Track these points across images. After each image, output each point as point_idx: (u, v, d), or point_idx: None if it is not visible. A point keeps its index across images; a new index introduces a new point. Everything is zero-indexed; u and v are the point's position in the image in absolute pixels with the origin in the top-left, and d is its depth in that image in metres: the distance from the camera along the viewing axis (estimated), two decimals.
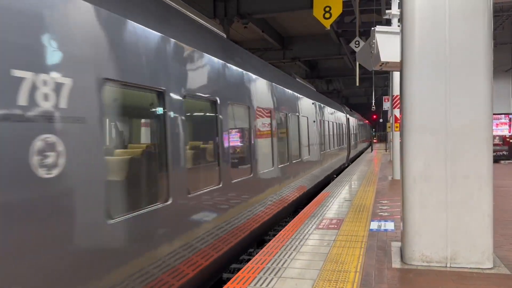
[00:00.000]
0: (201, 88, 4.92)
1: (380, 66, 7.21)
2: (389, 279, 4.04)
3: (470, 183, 4.23)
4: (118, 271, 3.26)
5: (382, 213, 7.21)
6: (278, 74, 9.37)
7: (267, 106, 7.67)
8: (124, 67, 3.43)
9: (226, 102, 5.60)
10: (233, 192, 5.74)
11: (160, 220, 3.89)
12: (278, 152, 8.24)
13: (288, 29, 21.01)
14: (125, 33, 3.49)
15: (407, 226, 4.44)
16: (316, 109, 13.12)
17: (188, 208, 4.44)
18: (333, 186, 11.07)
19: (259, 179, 6.96)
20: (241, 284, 3.98)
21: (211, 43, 5.55)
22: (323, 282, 3.97)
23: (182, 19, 4.92)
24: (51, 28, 2.70)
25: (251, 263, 4.60)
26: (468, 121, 4.22)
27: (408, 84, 4.40)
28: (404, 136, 4.46)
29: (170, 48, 4.22)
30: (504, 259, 4.52)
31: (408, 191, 4.43)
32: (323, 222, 6.61)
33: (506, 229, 5.85)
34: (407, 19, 4.38)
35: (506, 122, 17.68)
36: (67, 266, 2.75)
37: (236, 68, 6.16)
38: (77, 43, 2.92)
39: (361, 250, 4.99)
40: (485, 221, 4.22)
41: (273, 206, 7.80)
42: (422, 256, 4.37)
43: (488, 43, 4.18)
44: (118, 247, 3.28)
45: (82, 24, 2.99)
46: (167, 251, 3.97)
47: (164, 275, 3.92)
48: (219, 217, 5.21)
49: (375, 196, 9.23)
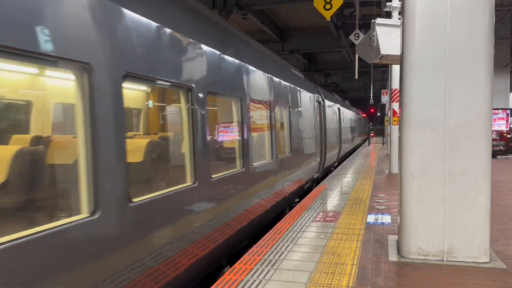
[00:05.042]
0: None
1: (380, 59, 7.18)
2: (385, 272, 4.05)
3: (468, 178, 4.24)
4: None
5: (379, 207, 7.23)
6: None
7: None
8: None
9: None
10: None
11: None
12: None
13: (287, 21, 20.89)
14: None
15: (405, 220, 4.45)
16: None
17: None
18: (330, 179, 11.09)
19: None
20: (238, 275, 3.98)
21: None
22: (320, 274, 3.98)
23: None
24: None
25: (248, 254, 4.61)
26: (467, 117, 4.21)
27: (408, 78, 4.38)
28: (403, 131, 4.45)
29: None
30: (500, 253, 4.55)
31: (405, 185, 4.43)
32: (320, 215, 6.62)
33: (502, 224, 5.88)
34: (408, 13, 4.35)
35: (503, 117, 17.71)
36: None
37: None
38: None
39: (358, 243, 5.01)
40: (482, 216, 4.23)
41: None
42: (419, 250, 4.39)
43: (489, 39, 4.16)
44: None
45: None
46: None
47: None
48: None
49: (372, 189, 9.25)
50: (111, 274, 2.99)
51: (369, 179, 10.96)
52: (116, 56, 3.15)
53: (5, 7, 2.26)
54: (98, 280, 2.85)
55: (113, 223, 3.06)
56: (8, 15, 2.27)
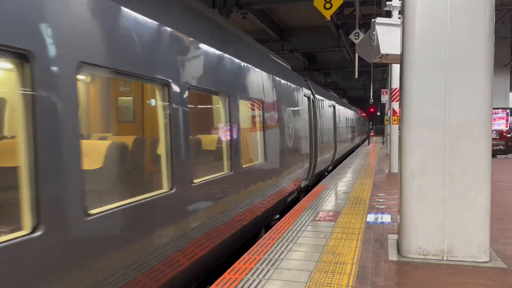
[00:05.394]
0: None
1: (380, 58, 7.18)
2: (385, 271, 4.05)
3: (468, 178, 4.23)
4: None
5: (379, 206, 7.23)
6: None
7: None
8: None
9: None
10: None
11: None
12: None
13: (287, 20, 20.88)
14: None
15: (404, 219, 4.45)
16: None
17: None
18: (329, 179, 11.09)
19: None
20: (238, 274, 3.98)
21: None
22: (320, 273, 3.98)
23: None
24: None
25: (248, 254, 4.61)
26: (467, 116, 4.21)
27: (408, 78, 4.38)
28: (403, 131, 4.45)
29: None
30: (500, 253, 4.55)
31: (405, 185, 4.43)
32: (320, 214, 6.62)
33: (502, 224, 5.88)
34: (408, 12, 4.35)
35: (503, 117, 17.71)
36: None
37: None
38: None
39: (358, 242, 5.01)
40: (482, 216, 4.23)
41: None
42: (418, 249, 4.39)
43: (489, 39, 4.16)
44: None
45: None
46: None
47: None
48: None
49: (372, 189, 9.25)
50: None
51: (369, 179, 10.96)
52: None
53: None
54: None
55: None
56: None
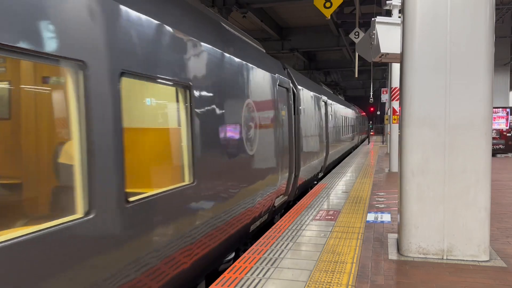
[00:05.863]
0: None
1: (380, 57, 7.17)
2: (385, 270, 4.05)
3: (468, 177, 4.23)
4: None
5: (378, 205, 7.23)
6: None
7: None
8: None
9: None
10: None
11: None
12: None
13: (287, 19, 20.87)
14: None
15: (404, 218, 4.45)
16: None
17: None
18: (329, 178, 11.09)
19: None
20: (238, 274, 3.98)
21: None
22: (320, 272, 3.98)
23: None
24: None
25: (248, 253, 4.61)
26: (467, 115, 4.20)
27: (408, 77, 4.38)
28: (403, 129, 4.44)
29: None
30: (500, 252, 4.54)
31: (405, 184, 4.43)
32: (320, 213, 6.62)
33: (502, 222, 5.88)
34: (408, 11, 4.34)
35: (503, 116, 17.71)
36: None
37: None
38: None
39: (358, 241, 5.01)
40: (482, 215, 4.23)
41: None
42: (418, 248, 4.39)
43: (489, 38, 4.15)
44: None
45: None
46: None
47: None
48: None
49: (371, 188, 9.25)
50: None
51: (368, 178, 10.96)
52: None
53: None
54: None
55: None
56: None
